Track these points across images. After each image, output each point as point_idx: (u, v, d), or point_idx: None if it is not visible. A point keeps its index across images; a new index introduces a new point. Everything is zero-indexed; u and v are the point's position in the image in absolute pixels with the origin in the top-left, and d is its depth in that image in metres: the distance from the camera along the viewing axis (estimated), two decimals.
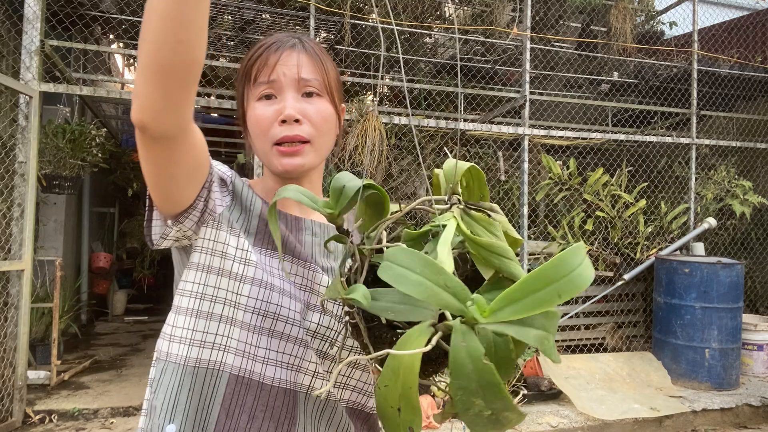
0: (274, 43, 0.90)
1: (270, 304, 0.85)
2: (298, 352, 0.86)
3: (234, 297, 0.85)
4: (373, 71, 5.89)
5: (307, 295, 0.89)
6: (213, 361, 0.84)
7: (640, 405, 4.00)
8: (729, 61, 6.00)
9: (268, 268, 0.87)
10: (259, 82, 0.88)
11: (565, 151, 5.87)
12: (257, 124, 0.89)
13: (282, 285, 0.87)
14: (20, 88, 3.56)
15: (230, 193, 0.90)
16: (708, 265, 4.49)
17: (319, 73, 0.90)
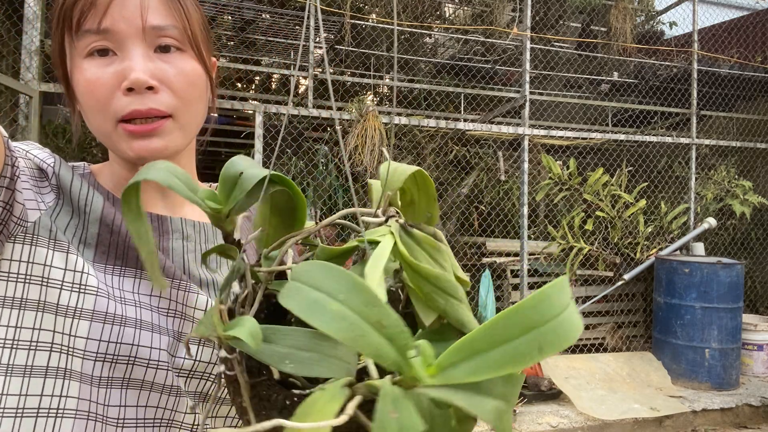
0: None
1: (121, 345, 0.60)
2: (168, 403, 0.63)
3: (66, 340, 0.59)
4: (373, 71, 5.90)
5: (178, 322, 0.65)
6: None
7: (640, 405, 4.00)
8: (729, 61, 6.00)
9: (116, 293, 0.62)
10: (85, 30, 0.60)
11: (565, 151, 5.87)
12: (90, 93, 0.61)
13: (138, 315, 0.62)
14: (20, 88, 3.56)
15: (53, 190, 0.64)
16: (708, 265, 4.49)
17: (177, 16, 0.63)
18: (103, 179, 0.72)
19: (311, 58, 4.52)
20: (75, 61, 0.62)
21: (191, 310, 0.66)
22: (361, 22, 5.13)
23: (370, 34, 5.51)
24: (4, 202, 0.56)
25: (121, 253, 0.65)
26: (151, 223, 0.67)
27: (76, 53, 0.62)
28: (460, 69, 5.87)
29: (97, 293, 0.60)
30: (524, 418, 3.74)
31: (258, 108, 4.21)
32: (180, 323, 0.65)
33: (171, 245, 0.69)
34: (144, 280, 0.65)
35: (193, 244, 0.71)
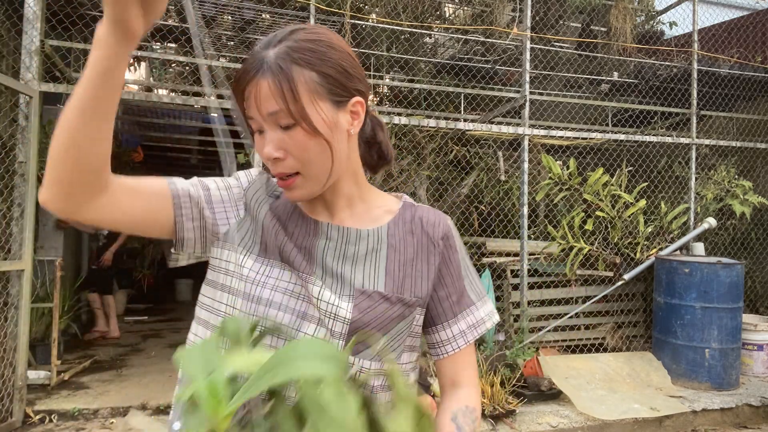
0: (243, 73, 0.82)
1: (255, 317, 0.84)
2: None
3: (230, 311, 0.88)
4: (373, 71, 5.89)
5: (304, 305, 0.86)
6: None
7: (640, 405, 4.00)
8: (729, 61, 6.00)
9: (262, 280, 0.87)
10: (247, 116, 0.85)
11: (565, 151, 5.87)
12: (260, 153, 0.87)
13: (271, 296, 0.85)
14: (20, 88, 3.56)
15: (244, 206, 0.93)
16: (708, 265, 4.49)
17: (282, 98, 0.79)
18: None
19: None
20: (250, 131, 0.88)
21: (312, 297, 0.86)
22: (361, 22, 5.13)
23: (370, 34, 5.51)
24: (195, 228, 0.90)
25: (272, 250, 0.90)
26: (308, 228, 0.92)
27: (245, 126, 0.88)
28: (460, 69, 5.86)
29: (246, 279, 0.87)
30: (524, 418, 3.74)
31: None
32: (305, 305, 0.86)
33: (317, 243, 0.91)
34: (286, 270, 0.88)
35: (334, 242, 0.91)
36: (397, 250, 0.92)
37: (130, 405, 3.90)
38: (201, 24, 4.74)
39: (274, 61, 0.80)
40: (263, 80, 0.80)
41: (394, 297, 0.89)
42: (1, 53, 4.24)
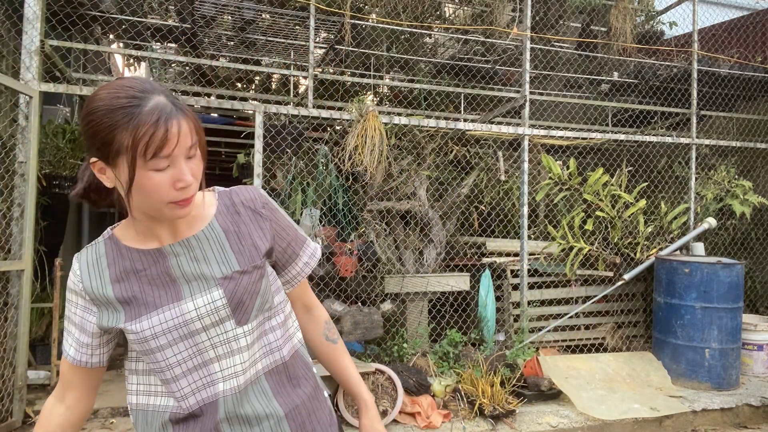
0: (159, 119, 0.94)
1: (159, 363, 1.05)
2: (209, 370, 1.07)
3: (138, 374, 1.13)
4: (373, 71, 5.89)
5: (185, 328, 1.05)
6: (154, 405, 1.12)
7: (640, 405, 4.00)
8: (729, 61, 6.00)
9: (142, 336, 1.05)
10: (159, 157, 0.95)
11: (565, 151, 5.87)
12: (154, 190, 0.97)
13: (157, 343, 1.04)
14: (20, 88, 3.56)
15: (92, 302, 1.09)
16: (708, 265, 4.49)
17: (197, 135, 1.00)
18: (128, 235, 1.10)
19: (311, 58, 4.52)
20: (142, 171, 0.95)
21: (186, 315, 1.09)
22: (361, 22, 5.12)
23: (370, 34, 5.51)
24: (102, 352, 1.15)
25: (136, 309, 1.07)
26: (154, 257, 1.08)
27: (143, 166, 0.95)
28: (460, 69, 5.86)
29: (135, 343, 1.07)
30: (524, 418, 3.74)
31: (258, 108, 4.21)
32: (185, 329, 1.08)
33: (169, 265, 1.07)
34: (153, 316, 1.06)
35: (183, 257, 1.08)
36: (232, 232, 1.12)
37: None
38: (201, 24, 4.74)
39: (179, 105, 0.99)
40: (183, 120, 0.97)
41: (249, 267, 1.09)
42: (1, 53, 4.24)
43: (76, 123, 4.79)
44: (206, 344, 1.05)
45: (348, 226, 4.87)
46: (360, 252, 4.67)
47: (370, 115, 4.33)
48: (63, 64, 4.52)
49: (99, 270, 1.08)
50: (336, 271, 4.58)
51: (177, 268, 1.07)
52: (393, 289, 4.65)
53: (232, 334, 1.07)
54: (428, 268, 4.98)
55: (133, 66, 6.97)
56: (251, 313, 1.08)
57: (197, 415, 1.05)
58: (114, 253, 1.08)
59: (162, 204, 0.99)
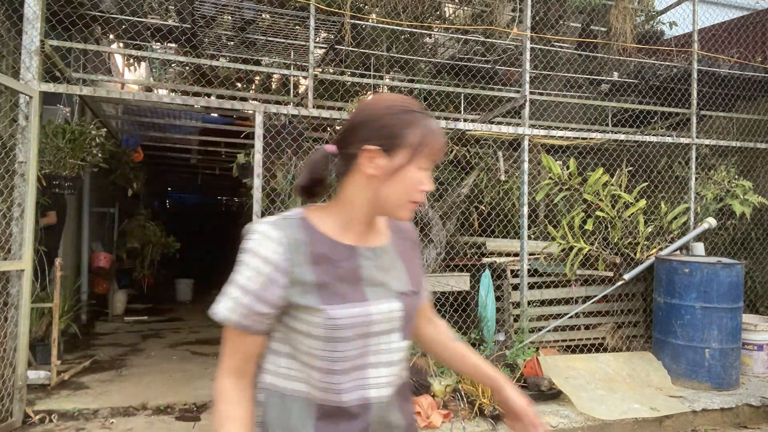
0: (440, 133, 1.14)
1: (334, 353, 1.08)
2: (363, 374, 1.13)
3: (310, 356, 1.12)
4: (373, 71, 5.89)
5: (365, 328, 1.10)
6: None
7: (640, 405, 4.00)
8: (729, 61, 6.00)
9: (331, 323, 1.08)
10: (431, 160, 1.12)
11: (565, 151, 5.87)
12: (410, 185, 1.10)
13: (342, 334, 1.08)
14: (20, 88, 3.56)
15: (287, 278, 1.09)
16: (708, 265, 4.49)
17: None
18: (325, 224, 1.15)
19: (311, 58, 4.52)
20: (410, 166, 1.10)
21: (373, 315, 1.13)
22: (361, 22, 5.12)
23: (370, 34, 5.51)
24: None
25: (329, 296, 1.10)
26: (348, 253, 1.13)
27: (413, 161, 1.10)
28: (460, 69, 5.86)
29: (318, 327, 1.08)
30: None
31: (258, 108, 4.21)
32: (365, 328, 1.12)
33: (358, 265, 1.13)
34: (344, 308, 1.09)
35: (372, 261, 1.16)
36: (402, 257, 1.22)
37: (130, 405, 3.90)
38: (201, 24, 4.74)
39: None
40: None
41: (416, 289, 1.21)
42: (1, 53, 4.24)
43: (76, 123, 4.78)
44: (372, 349, 1.11)
45: None
46: None
47: None
48: (63, 64, 4.51)
49: (296, 247, 1.09)
50: None
51: (365, 270, 1.14)
52: None
53: (396, 346, 1.15)
54: (428, 268, 4.98)
55: (133, 66, 6.97)
56: (410, 331, 1.19)
57: (352, 413, 1.09)
58: (310, 236, 1.11)
59: (405, 200, 1.11)
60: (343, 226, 1.15)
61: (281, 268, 1.06)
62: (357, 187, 1.12)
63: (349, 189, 1.14)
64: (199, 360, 5.32)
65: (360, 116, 1.12)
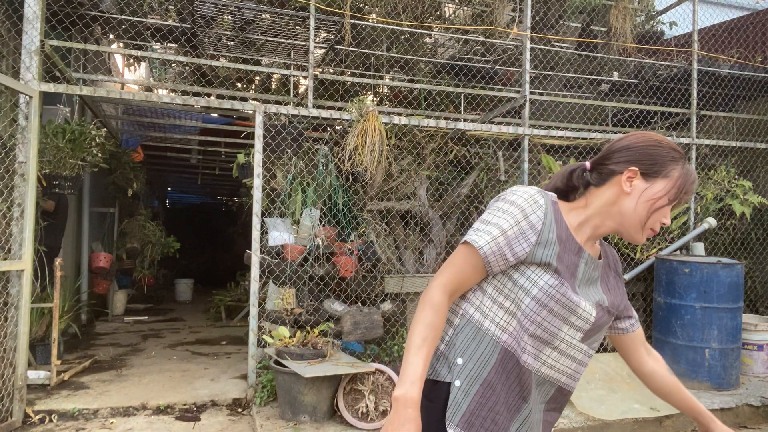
0: (695, 182, 1.26)
1: (542, 322, 1.23)
2: (543, 350, 1.26)
3: (516, 306, 1.25)
4: (373, 71, 5.89)
5: (566, 312, 1.23)
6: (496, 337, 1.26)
7: (640, 405, 4.00)
8: (729, 61, 6.00)
9: (549, 291, 1.22)
10: (677, 198, 1.24)
11: (565, 151, 5.87)
12: (653, 213, 1.24)
13: (550, 303, 1.22)
14: (20, 88, 3.56)
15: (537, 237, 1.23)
16: (708, 265, 4.49)
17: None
18: (567, 214, 1.31)
19: (311, 58, 4.52)
20: (662, 200, 1.24)
21: (577, 307, 1.24)
22: (361, 22, 5.12)
23: (370, 34, 5.51)
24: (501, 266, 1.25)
25: (560, 270, 1.23)
26: (576, 250, 1.27)
27: (665, 196, 1.24)
28: (460, 69, 5.86)
29: (538, 288, 1.23)
30: None
31: (258, 108, 4.21)
32: (567, 312, 1.24)
33: (579, 264, 1.27)
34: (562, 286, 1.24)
35: (587, 266, 1.29)
36: (604, 278, 1.35)
37: (130, 405, 3.90)
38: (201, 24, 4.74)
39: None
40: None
41: (613, 310, 1.34)
42: (1, 53, 4.24)
43: (76, 123, 4.78)
44: (562, 335, 1.25)
45: (348, 226, 4.87)
46: (360, 252, 4.67)
47: (370, 115, 4.33)
48: (63, 64, 4.51)
49: (551, 218, 1.24)
50: (336, 271, 4.58)
51: (581, 271, 1.28)
52: (393, 289, 4.65)
53: (576, 344, 1.28)
54: (428, 268, 4.98)
55: (133, 66, 6.97)
56: (591, 339, 1.31)
57: (523, 374, 1.23)
58: (558, 216, 1.26)
59: (642, 223, 1.25)
60: (579, 225, 1.30)
61: (536, 229, 1.21)
62: (605, 198, 1.28)
63: (597, 197, 1.29)
64: (199, 360, 5.32)
65: (628, 141, 1.28)
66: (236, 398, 4.12)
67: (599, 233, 1.31)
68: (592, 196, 1.31)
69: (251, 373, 4.08)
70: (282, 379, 3.65)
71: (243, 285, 7.92)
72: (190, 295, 9.82)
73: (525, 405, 1.24)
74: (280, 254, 4.45)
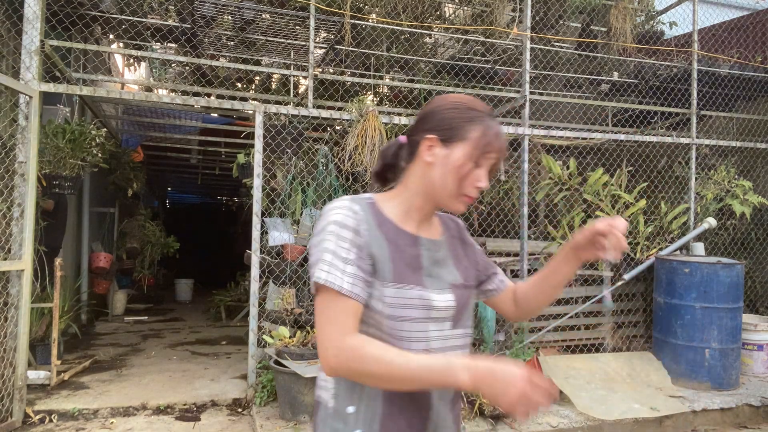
0: (501, 134, 1.19)
1: (401, 331, 1.14)
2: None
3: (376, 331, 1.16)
4: (373, 71, 5.89)
5: (426, 312, 1.15)
6: None
7: (640, 405, 4.00)
8: (729, 61, 6.00)
9: (396, 302, 1.14)
10: (486, 157, 1.16)
11: (565, 151, 5.87)
12: (464, 178, 1.15)
13: (406, 313, 1.14)
14: (20, 88, 3.56)
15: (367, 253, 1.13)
16: (708, 265, 4.49)
17: (501, 164, 1.22)
18: (389, 210, 1.20)
19: (311, 58, 4.52)
20: (468, 160, 1.15)
21: (432, 302, 1.17)
22: (361, 22, 5.12)
23: (370, 34, 5.51)
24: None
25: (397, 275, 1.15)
26: (410, 240, 1.19)
27: (471, 156, 1.15)
28: (460, 69, 5.86)
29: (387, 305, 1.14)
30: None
31: (258, 108, 4.21)
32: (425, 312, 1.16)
33: (418, 253, 1.19)
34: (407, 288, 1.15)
35: (429, 252, 1.21)
36: (452, 252, 1.27)
37: (130, 405, 3.90)
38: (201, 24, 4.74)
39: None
40: (504, 149, 1.20)
41: (468, 283, 1.25)
42: (1, 53, 4.24)
43: (76, 123, 4.78)
44: (431, 335, 1.16)
45: None
46: None
47: (370, 115, 4.33)
48: (63, 64, 4.51)
49: (371, 224, 1.15)
50: None
51: (424, 259, 1.20)
52: None
53: (449, 333, 1.20)
54: None
55: (133, 66, 6.97)
56: (461, 321, 1.23)
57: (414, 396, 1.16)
58: (379, 219, 1.18)
59: (457, 192, 1.16)
60: (405, 213, 1.21)
61: (360, 237, 1.12)
62: (416, 175, 1.19)
63: (411, 175, 1.21)
64: (199, 360, 5.32)
65: (428, 108, 1.20)
66: (236, 398, 4.12)
67: (426, 213, 1.22)
68: (407, 175, 1.22)
69: (251, 373, 4.08)
70: (282, 379, 3.66)
71: (243, 285, 7.92)
72: (190, 295, 9.82)
73: (429, 415, 1.17)
74: (280, 254, 4.45)
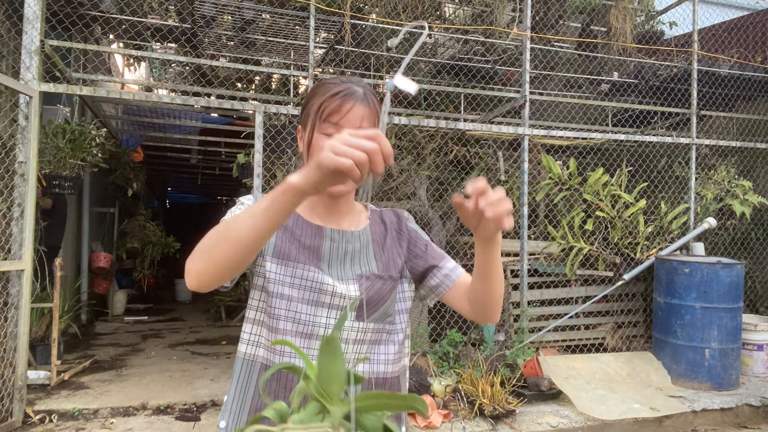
0: (340, 93, 1.10)
1: (278, 309, 1.10)
2: (310, 344, 1.11)
3: (263, 307, 1.15)
4: (373, 71, 5.89)
5: (315, 295, 1.11)
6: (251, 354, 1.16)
7: (640, 405, 4.00)
8: (729, 61, 6.00)
9: (280, 279, 1.12)
10: (329, 122, 1.10)
11: (565, 151, 5.87)
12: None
13: (290, 292, 1.11)
14: (20, 88, 3.56)
15: None
16: (708, 265, 4.49)
17: (372, 125, 1.11)
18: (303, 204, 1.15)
19: (311, 58, 4.52)
20: (316, 134, 1.11)
21: (323, 286, 1.12)
22: (361, 22, 5.12)
23: (370, 34, 5.51)
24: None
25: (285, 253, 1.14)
26: (312, 231, 1.17)
27: (318, 128, 1.11)
28: (460, 69, 5.86)
29: (269, 281, 1.12)
30: (524, 418, 3.74)
31: (258, 108, 4.21)
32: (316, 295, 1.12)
33: (322, 244, 1.16)
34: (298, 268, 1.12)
35: (337, 244, 1.18)
36: (378, 243, 1.23)
37: (130, 405, 3.90)
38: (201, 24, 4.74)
39: (372, 98, 1.13)
40: (362, 105, 1.11)
41: (385, 275, 1.19)
42: (1, 53, 4.24)
43: (76, 123, 4.78)
44: (321, 321, 1.12)
45: None
46: None
47: None
48: (63, 64, 4.51)
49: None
50: None
51: (327, 251, 1.17)
52: None
53: (351, 326, 1.13)
54: None
55: (133, 66, 6.97)
56: (372, 315, 1.15)
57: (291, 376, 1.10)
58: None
59: None
60: (310, 208, 1.21)
61: None
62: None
63: None
64: (199, 360, 5.32)
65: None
66: None
67: (328, 204, 1.19)
68: None
69: None
70: None
71: (243, 285, 7.92)
72: (190, 295, 9.82)
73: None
74: None
